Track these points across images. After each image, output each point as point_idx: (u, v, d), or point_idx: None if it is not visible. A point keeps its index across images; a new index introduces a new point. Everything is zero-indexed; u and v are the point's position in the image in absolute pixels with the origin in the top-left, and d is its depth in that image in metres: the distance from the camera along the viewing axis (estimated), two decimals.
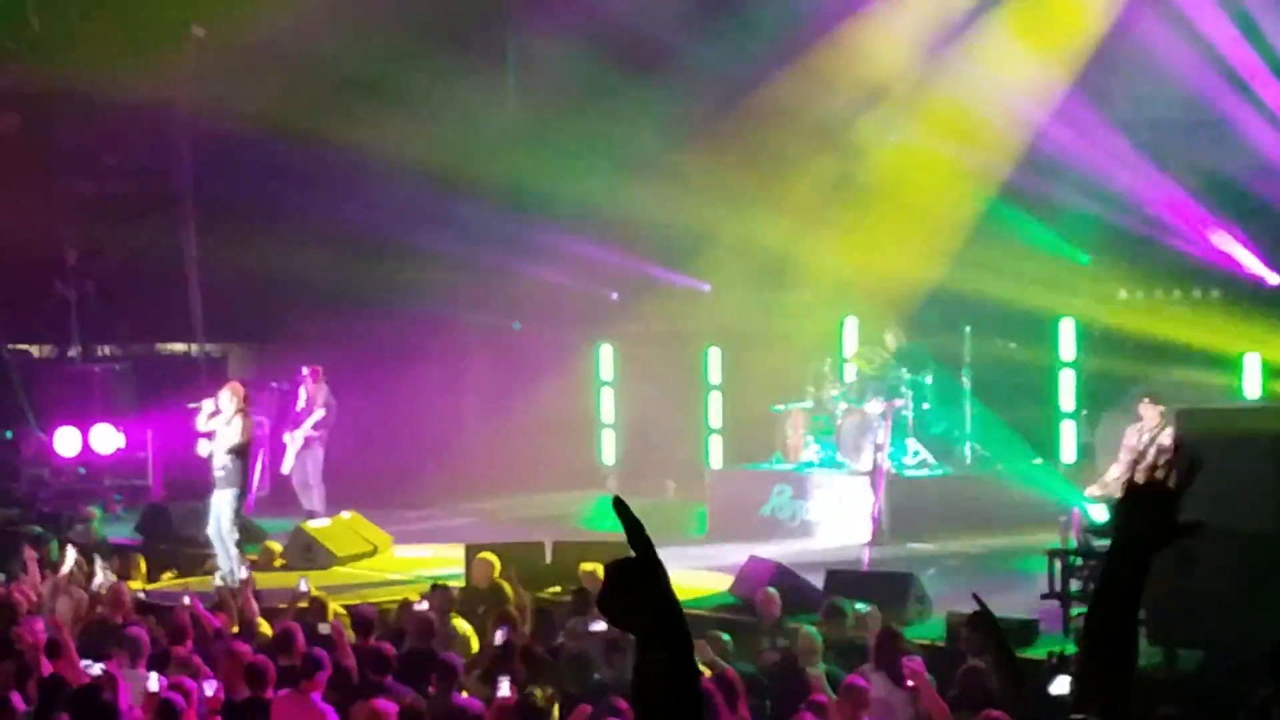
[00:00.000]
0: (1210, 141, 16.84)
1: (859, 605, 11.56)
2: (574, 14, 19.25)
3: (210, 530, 15.51)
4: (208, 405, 15.59)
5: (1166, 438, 12.95)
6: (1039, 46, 17.64)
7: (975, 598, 3.43)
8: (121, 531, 18.16)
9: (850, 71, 18.54)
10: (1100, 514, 12.22)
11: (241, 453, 15.46)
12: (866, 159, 19.23)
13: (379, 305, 20.79)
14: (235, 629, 12.11)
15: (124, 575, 14.86)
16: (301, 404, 18.12)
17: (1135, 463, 13.18)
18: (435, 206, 20.14)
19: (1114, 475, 13.30)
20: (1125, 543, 2.89)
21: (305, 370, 18.29)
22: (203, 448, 15.55)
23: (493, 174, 20.29)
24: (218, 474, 15.39)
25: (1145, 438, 13.38)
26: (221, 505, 15.35)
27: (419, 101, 19.42)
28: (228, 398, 15.50)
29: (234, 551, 15.38)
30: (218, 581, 15.01)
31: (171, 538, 17.59)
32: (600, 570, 12.44)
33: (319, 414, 17.95)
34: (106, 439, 20.99)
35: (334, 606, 12.50)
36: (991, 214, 18.12)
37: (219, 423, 15.39)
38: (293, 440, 17.89)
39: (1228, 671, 10.04)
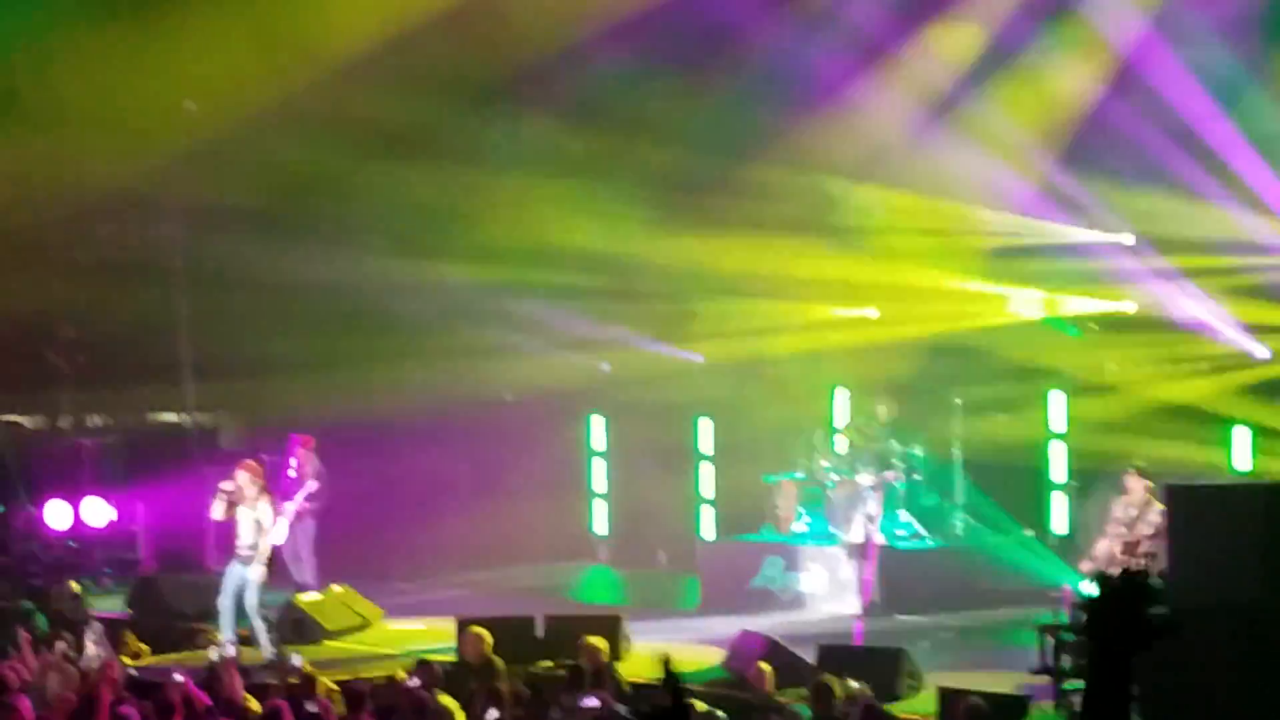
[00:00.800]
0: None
1: (849, 682, 11.53)
2: (560, 87, 19.41)
3: (222, 602, 15.49)
4: (223, 496, 15.61)
5: (1154, 513, 12.95)
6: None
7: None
8: (112, 605, 18.09)
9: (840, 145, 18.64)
10: (1092, 590, 12.21)
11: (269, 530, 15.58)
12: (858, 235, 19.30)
13: (370, 376, 20.80)
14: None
15: (114, 650, 14.79)
16: (293, 472, 18.11)
17: (1123, 537, 13.21)
18: (425, 277, 20.20)
19: (1103, 550, 13.29)
20: (1100, 650, 2.81)
21: (297, 438, 18.30)
22: (216, 510, 15.62)
23: (483, 242, 20.35)
24: (245, 553, 15.43)
25: (1133, 512, 13.35)
26: (248, 580, 15.37)
27: (409, 173, 19.51)
28: (248, 479, 15.54)
29: (260, 624, 15.39)
30: (213, 656, 14.93)
31: (163, 611, 17.52)
32: (602, 644, 12.49)
33: (310, 485, 17.93)
34: (97, 512, 20.87)
35: (325, 682, 12.44)
36: None
37: (245, 507, 15.43)
38: (284, 512, 17.86)
39: None
